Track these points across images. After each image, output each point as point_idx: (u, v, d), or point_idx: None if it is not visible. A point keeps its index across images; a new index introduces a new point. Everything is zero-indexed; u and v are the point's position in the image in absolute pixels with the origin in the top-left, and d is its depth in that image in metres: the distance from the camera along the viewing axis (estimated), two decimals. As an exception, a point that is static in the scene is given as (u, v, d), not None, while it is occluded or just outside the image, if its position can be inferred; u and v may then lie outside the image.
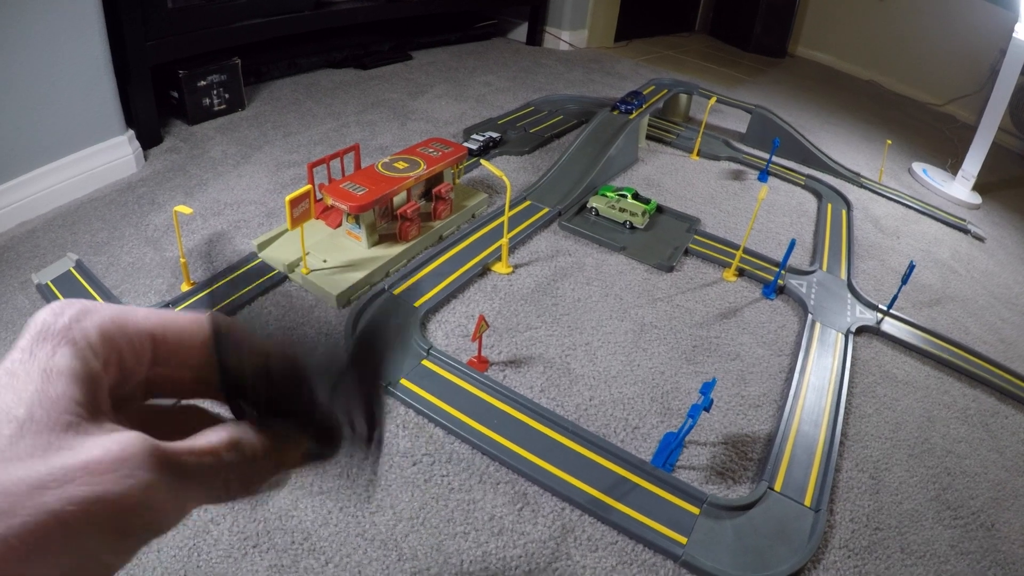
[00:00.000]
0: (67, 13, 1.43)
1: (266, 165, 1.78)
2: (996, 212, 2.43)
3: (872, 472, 1.12)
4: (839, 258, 1.72)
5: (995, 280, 1.88)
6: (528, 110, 2.38)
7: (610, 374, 1.22)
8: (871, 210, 2.09)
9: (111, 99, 1.60)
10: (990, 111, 2.36)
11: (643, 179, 2.00)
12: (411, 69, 2.68)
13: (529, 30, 3.36)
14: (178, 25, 1.80)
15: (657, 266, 1.54)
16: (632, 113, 2.06)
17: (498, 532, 0.93)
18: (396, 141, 2.00)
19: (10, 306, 1.21)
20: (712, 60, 3.82)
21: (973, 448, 1.23)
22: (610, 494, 0.99)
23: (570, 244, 1.59)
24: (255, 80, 2.30)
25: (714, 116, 2.61)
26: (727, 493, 1.04)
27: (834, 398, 1.24)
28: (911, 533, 1.03)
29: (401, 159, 1.48)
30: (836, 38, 4.26)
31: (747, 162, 2.21)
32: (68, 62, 1.47)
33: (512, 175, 1.88)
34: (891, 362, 1.41)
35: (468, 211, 1.61)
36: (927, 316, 1.60)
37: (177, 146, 1.83)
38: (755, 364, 1.31)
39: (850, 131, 2.91)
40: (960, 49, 3.64)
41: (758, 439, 1.14)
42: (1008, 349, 1.56)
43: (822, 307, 1.49)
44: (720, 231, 1.75)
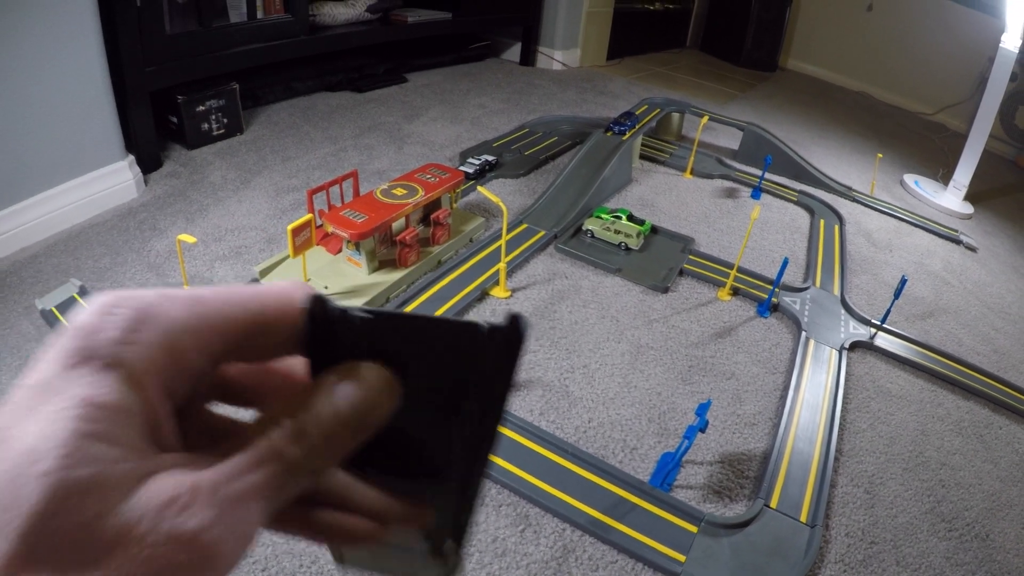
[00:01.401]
0: (66, 40, 1.46)
1: (266, 190, 1.80)
2: (988, 221, 2.46)
3: (867, 487, 1.15)
4: (832, 274, 1.75)
5: (988, 290, 1.91)
6: (523, 132, 2.42)
7: (608, 396, 1.24)
8: (863, 224, 2.12)
9: (111, 124, 1.62)
10: (979, 122, 2.40)
11: (637, 199, 2.03)
12: (406, 92, 2.72)
13: (522, 50, 3.41)
14: (176, 51, 1.83)
15: (652, 287, 1.57)
16: (625, 134, 2.10)
17: (501, 553, 0.95)
18: (393, 165, 2.03)
19: (15, 331, 1.22)
20: (704, 76, 3.87)
21: (967, 460, 1.26)
22: (610, 514, 1.01)
23: (566, 267, 1.61)
24: (253, 104, 2.34)
25: (707, 134, 2.65)
26: (724, 511, 1.06)
27: (828, 414, 1.26)
28: (906, 546, 1.05)
29: (399, 185, 1.51)
30: (826, 50, 4.32)
31: (740, 179, 2.24)
32: (68, 88, 1.49)
33: (508, 198, 1.90)
34: (885, 376, 1.43)
35: (466, 235, 1.63)
36: (920, 329, 1.63)
37: (177, 171, 1.85)
38: (750, 383, 1.34)
39: (841, 144, 2.95)
40: (949, 58, 3.68)
41: (754, 457, 1.16)
42: (1001, 359, 1.58)
43: (816, 324, 1.51)
44: (714, 250, 1.78)
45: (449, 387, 0.24)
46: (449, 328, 0.23)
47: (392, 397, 0.23)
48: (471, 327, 0.23)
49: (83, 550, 0.17)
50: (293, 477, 0.21)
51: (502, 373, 0.23)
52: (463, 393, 0.24)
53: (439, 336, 0.23)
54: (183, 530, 0.18)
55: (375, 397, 0.23)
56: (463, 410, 0.24)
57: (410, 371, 0.24)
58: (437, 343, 0.23)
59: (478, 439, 0.24)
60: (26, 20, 1.36)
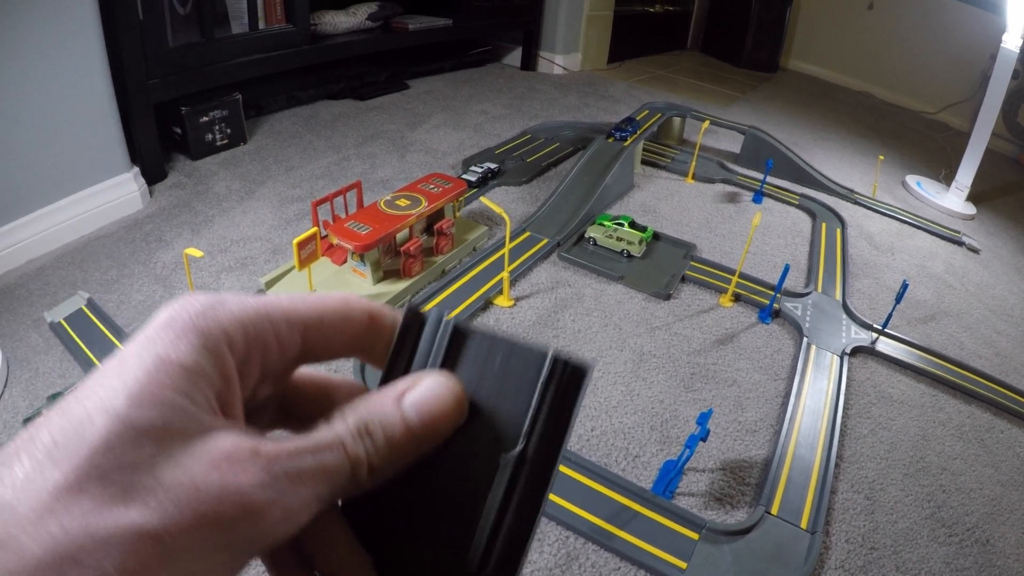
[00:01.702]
0: (70, 55, 1.47)
1: (270, 200, 1.82)
2: (991, 222, 2.47)
3: (867, 493, 1.16)
4: (834, 278, 1.75)
5: (990, 292, 1.91)
6: (525, 138, 2.43)
7: (611, 404, 1.26)
8: (865, 227, 2.13)
9: (116, 136, 1.64)
10: (981, 121, 2.40)
11: (639, 205, 2.04)
12: (408, 99, 2.73)
13: (523, 55, 3.43)
14: (179, 63, 1.84)
15: (655, 294, 1.58)
16: (627, 140, 2.11)
17: (506, 563, 0.96)
18: (396, 174, 2.04)
19: (24, 344, 1.24)
20: (705, 78, 3.87)
21: (968, 464, 1.26)
22: (612, 522, 1.02)
23: (569, 275, 1.63)
24: (255, 114, 2.35)
25: (708, 137, 2.66)
26: (725, 518, 1.07)
27: (829, 420, 1.27)
28: (906, 552, 1.06)
29: (403, 196, 1.52)
30: (827, 50, 4.32)
31: (742, 184, 2.25)
32: (73, 102, 1.51)
33: (511, 206, 1.92)
34: (886, 381, 1.44)
35: (469, 244, 1.65)
36: (922, 333, 1.63)
37: (181, 181, 1.87)
38: (752, 389, 1.35)
39: (843, 145, 2.95)
40: (951, 56, 3.68)
41: (755, 464, 1.17)
42: (1003, 362, 1.59)
43: (817, 329, 1.52)
44: (716, 256, 1.79)
45: (508, 414, 0.24)
46: (521, 351, 0.24)
47: (459, 410, 0.24)
48: (542, 352, 0.23)
49: (131, 487, 0.18)
50: (351, 472, 0.22)
51: (564, 408, 0.23)
52: (520, 425, 0.24)
53: (510, 357, 0.24)
54: (235, 485, 0.19)
55: (442, 407, 0.24)
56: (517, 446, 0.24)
57: (477, 390, 0.24)
58: (507, 363, 0.24)
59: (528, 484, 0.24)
60: (29, 36, 1.38)
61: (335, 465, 0.22)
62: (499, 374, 0.24)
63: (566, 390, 0.23)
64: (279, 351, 0.24)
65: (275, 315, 0.23)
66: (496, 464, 0.23)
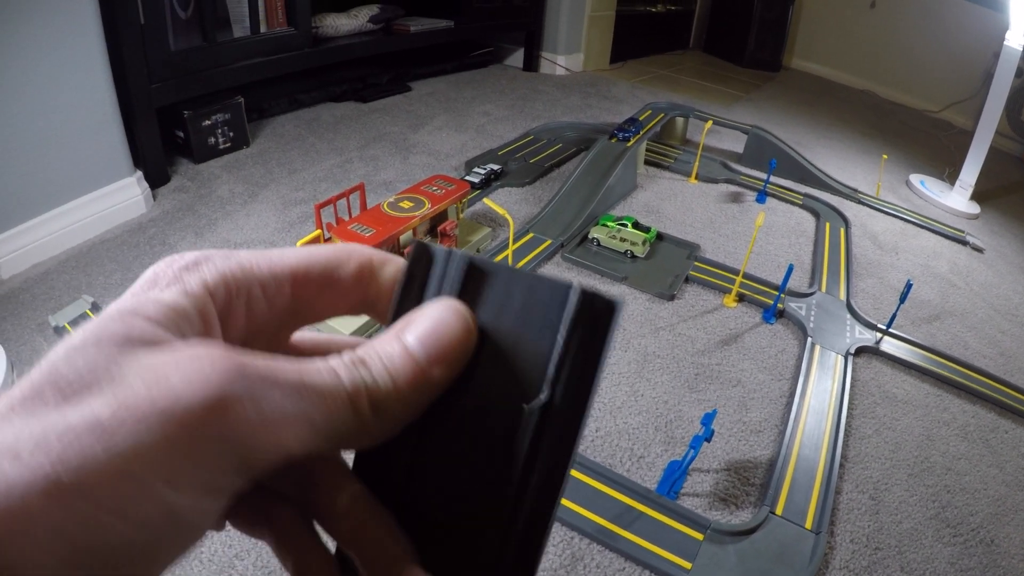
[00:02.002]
0: (73, 60, 1.48)
1: (273, 203, 1.82)
2: (995, 221, 2.46)
3: (872, 493, 1.16)
4: (838, 278, 1.75)
5: (994, 292, 1.91)
6: (528, 139, 2.43)
7: (615, 405, 1.26)
8: (869, 226, 2.13)
9: (119, 141, 1.64)
10: (985, 120, 2.40)
11: (643, 206, 2.04)
12: (410, 101, 2.74)
13: (525, 56, 3.43)
14: (181, 67, 1.85)
15: (659, 295, 1.58)
16: (630, 140, 2.11)
17: (511, 565, 0.96)
18: (399, 176, 2.05)
19: (28, 347, 1.24)
20: (707, 78, 3.87)
21: (973, 464, 1.26)
22: (617, 523, 1.02)
23: (573, 275, 1.63)
24: (258, 117, 2.36)
25: (711, 137, 2.65)
26: (730, 518, 1.07)
27: (834, 421, 1.27)
28: (911, 552, 1.06)
29: (406, 198, 1.52)
30: (830, 49, 4.31)
31: (745, 184, 2.25)
32: (76, 107, 1.52)
33: (514, 207, 1.92)
34: (890, 382, 1.44)
35: (473, 246, 1.65)
36: (926, 333, 1.63)
37: (185, 185, 1.87)
38: (756, 390, 1.35)
39: (847, 144, 2.95)
40: (954, 54, 3.67)
41: (760, 464, 1.18)
42: (1008, 362, 1.59)
43: (821, 329, 1.52)
44: (720, 256, 1.79)
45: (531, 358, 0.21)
46: (544, 285, 0.21)
47: (467, 335, 0.22)
48: (566, 286, 0.21)
49: (87, 385, 0.17)
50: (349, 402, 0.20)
51: (593, 349, 0.21)
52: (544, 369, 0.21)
53: (532, 292, 0.22)
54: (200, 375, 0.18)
55: (447, 332, 0.22)
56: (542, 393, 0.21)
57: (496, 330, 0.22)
58: (529, 297, 0.22)
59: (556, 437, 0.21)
60: (31, 42, 1.38)
61: (324, 385, 0.20)
62: (519, 313, 0.22)
63: (594, 329, 0.21)
64: (266, 302, 0.23)
65: (259, 264, 0.22)
66: (520, 415, 0.21)
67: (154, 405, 0.17)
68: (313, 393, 0.19)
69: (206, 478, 0.17)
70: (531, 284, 0.22)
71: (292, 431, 0.19)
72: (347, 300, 0.25)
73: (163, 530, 0.17)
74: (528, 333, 0.21)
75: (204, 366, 0.18)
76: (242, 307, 0.22)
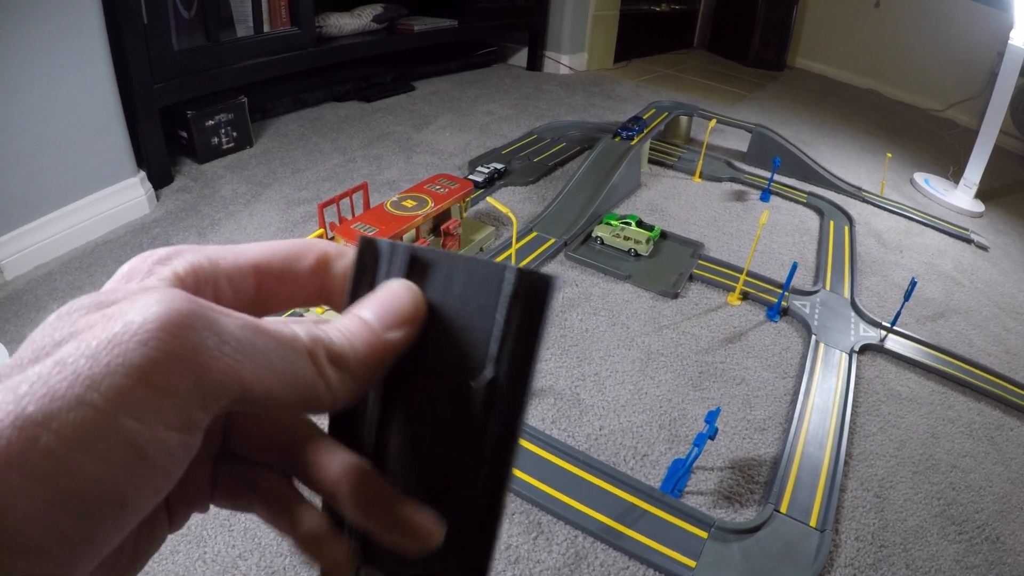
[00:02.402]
0: (76, 60, 1.48)
1: (276, 203, 1.82)
2: (999, 219, 2.45)
3: (877, 491, 1.15)
4: (842, 276, 1.75)
5: (999, 290, 1.90)
6: (532, 138, 2.43)
7: (619, 403, 1.26)
8: (873, 224, 2.13)
9: (122, 141, 1.65)
10: (989, 117, 2.39)
11: (647, 204, 2.04)
12: (414, 100, 2.74)
13: (529, 55, 3.43)
14: (184, 67, 1.85)
15: (662, 293, 1.58)
16: (634, 139, 2.11)
17: (514, 561, 0.96)
18: (403, 175, 2.05)
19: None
20: (712, 77, 3.87)
21: (978, 462, 1.26)
22: (621, 521, 1.02)
23: (576, 274, 1.63)
24: (261, 117, 2.36)
25: (715, 136, 2.65)
26: (734, 517, 1.07)
27: (838, 418, 1.27)
28: (916, 549, 1.06)
29: (409, 197, 1.52)
30: (834, 48, 4.31)
31: (749, 182, 2.25)
32: (79, 107, 1.52)
33: (518, 206, 1.92)
34: (895, 379, 1.44)
35: (476, 245, 1.65)
36: (931, 330, 1.63)
37: (188, 185, 1.87)
38: (760, 388, 1.35)
39: (851, 143, 2.94)
40: (958, 53, 3.66)
41: (764, 462, 1.17)
42: (1013, 360, 1.58)
43: (825, 327, 1.52)
44: (724, 255, 1.79)
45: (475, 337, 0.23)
46: (482, 268, 0.23)
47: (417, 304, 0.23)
48: (502, 267, 0.22)
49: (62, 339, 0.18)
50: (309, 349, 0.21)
51: (532, 325, 0.22)
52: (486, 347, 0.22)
53: (471, 275, 0.23)
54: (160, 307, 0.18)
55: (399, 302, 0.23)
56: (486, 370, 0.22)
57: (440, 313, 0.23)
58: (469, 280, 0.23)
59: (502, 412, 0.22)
60: (34, 43, 1.39)
61: (283, 334, 0.20)
62: (461, 295, 0.23)
63: (532, 306, 0.22)
64: (232, 293, 0.23)
65: (225, 257, 0.23)
66: (469, 391, 0.22)
67: (112, 336, 0.17)
68: (270, 336, 0.20)
69: (167, 406, 0.17)
70: (470, 268, 0.23)
71: (250, 366, 0.19)
72: (305, 291, 0.26)
73: (130, 468, 0.17)
74: (471, 314, 0.23)
75: (162, 297, 0.18)
76: (210, 297, 0.22)
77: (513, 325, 0.22)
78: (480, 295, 0.23)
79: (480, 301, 0.23)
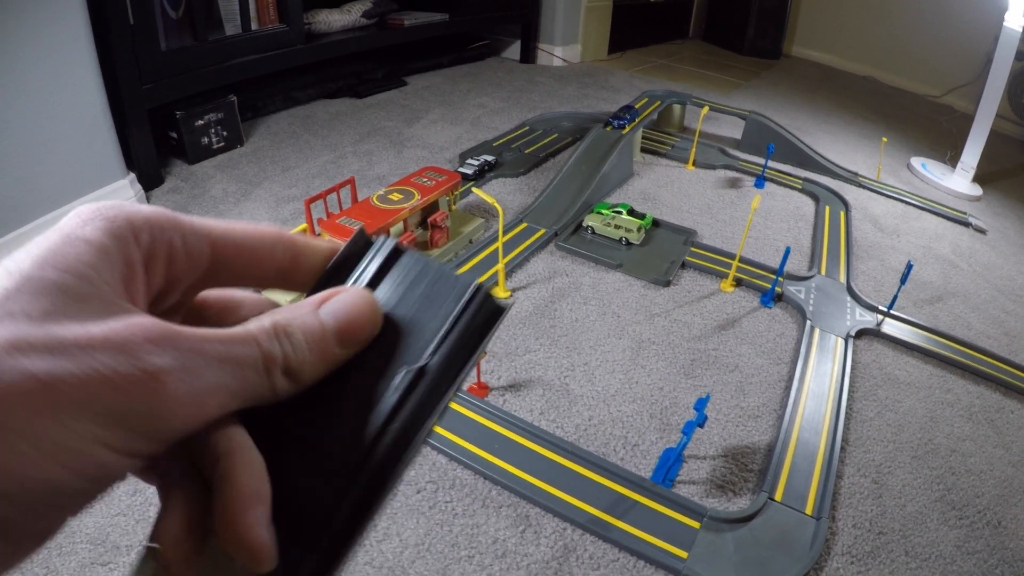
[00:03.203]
0: (62, 63, 1.46)
1: (266, 201, 1.80)
2: (998, 202, 2.43)
3: (875, 476, 1.13)
4: (838, 261, 1.73)
5: (997, 272, 1.88)
6: (523, 130, 2.41)
7: (609, 393, 1.24)
8: (870, 209, 2.10)
9: (111, 144, 1.63)
10: (986, 101, 2.37)
11: (639, 193, 2.01)
12: (406, 95, 2.71)
13: (522, 48, 3.40)
14: (172, 67, 1.83)
15: (654, 281, 1.56)
16: (625, 128, 2.08)
17: (502, 555, 0.94)
18: (393, 170, 2.03)
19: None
20: (707, 66, 3.84)
21: (978, 446, 1.23)
22: (611, 512, 1.00)
23: (567, 264, 1.61)
24: (252, 115, 2.34)
25: (709, 124, 2.63)
26: (728, 506, 1.05)
27: (834, 404, 1.24)
28: (915, 536, 1.04)
29: (395, 190, 1.50)
30: (830, 36, 4.28)
31: (743, 169, 2.23)
32: (66, 110, 1.50)
33: (508, 197, 1.90)
34: (892, 363, 1.41)
35: (465, 237, 1.63)
36: (929, 314, 1.60)
37: (178, 186, 1.86)
38: (754, 374, 1.32)
39: (847, 130, 2.92)
40: (955, 39, 3.63)
41: (758, 450, 1.15)
42: (1012, 342, 1.56)
43: (821, 312, 1.49)
44: (717, 241, 1.76)
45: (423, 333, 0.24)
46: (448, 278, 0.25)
47: (374, 320, 0.24)
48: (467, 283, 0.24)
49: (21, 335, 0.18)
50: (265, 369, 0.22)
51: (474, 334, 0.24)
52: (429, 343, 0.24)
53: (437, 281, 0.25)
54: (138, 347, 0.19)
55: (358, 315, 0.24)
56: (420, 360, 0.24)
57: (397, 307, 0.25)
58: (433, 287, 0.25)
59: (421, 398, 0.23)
60: (20, 45, 1.37)
61: (246, 357, 0.21)
62: (423, 296, 0.25)
63: (481, 321, 0.24)
64: (186, 257, 0.23)
65: (184, 221, 0.23)
66: (397, 377, 0.24)
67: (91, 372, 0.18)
68: (236, 364, 0.21)
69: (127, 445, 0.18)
70: (439, 274, 0.25)
71: (215, 400, 0.20)
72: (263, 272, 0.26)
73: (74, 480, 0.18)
74: (425, 313, 0.25)
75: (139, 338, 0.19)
76: (164, 255, 0.23)
77: (459, 329, 0.24)
78: (440, 299, 0.25)
79: (438, 305, 0.25)
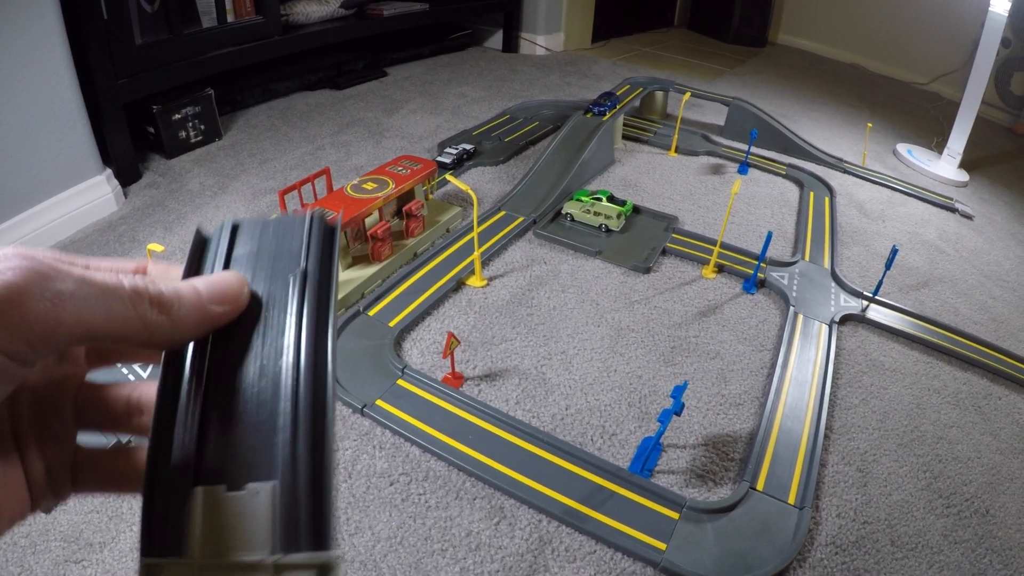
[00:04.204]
0: (34, 58, 1.43)
1: (243, 194, 1.77)
2: (984, 188, 2.40)
3: (859, 465, 1.10)
4: (822, 247, 1.70)
5: (984, 258, 1.85)
6: (503, 119, 2.37)
7: (586, 381, 1.20)
8: (855, 195, 2.07)
9: (86, 140, 1.60)
10: (972, 87, 2.34)
11: (620, 180, 1.98)
12: (386, 86, 2.67)
13: (504, 37, 3.36)
14: (148, 61, 1.79)
15: (634, 268, 1.53)
16: (606, 115, 2.05)
17: (475, 548, 0.91)
18: (371, 160, 1.99)
19: None
20: (692, 54, 3.80)
21: (965, 433, 1.21)
22: (587, 503, 0.97)
23: (545, 252, 1.57)
24: (231, 109, 2.30)
25: (693, 111, 2.60)
26: (708, 496, 1.02)
27: (818, 391, 1.21)
28: (901, 525, 1.01)
29: (370, 180, 1.47)
30: (816, 23, 4.24)
31: (726, 155, 2.20)
32: (39, 106, 1.46)
33: (487, 185, 1.86)
34: (878, 350, 1.38)
35: (442, 226, 1.59)
36: (915, 299, 1.58)
37: (156, 181, 1.82)
38: (735, 361, 1.29)
39: (833, 116, 2.89)
40: (942, 26, 3.61)
41: (739, 438, 1.12)
42: (999, 328, 1.53)
43: (804, 298, 1.47)
44: (699, 228, 1.73)
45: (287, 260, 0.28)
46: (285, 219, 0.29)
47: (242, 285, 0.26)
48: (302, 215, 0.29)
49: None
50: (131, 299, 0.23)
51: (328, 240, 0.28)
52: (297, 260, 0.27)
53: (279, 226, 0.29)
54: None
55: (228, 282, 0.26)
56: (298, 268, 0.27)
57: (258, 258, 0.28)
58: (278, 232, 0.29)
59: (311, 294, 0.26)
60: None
61: (108, 282, 0.23)
62: (274, 241, 0.28)
63: (327, 230, 0.29)
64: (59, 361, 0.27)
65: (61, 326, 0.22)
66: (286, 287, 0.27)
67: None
68: (94, 285, 0.22)
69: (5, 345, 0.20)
70: (277, 222, 0.29)
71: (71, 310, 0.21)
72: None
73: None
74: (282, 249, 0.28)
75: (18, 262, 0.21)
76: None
77: (315, 239, 0.28)
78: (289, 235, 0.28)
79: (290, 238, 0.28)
